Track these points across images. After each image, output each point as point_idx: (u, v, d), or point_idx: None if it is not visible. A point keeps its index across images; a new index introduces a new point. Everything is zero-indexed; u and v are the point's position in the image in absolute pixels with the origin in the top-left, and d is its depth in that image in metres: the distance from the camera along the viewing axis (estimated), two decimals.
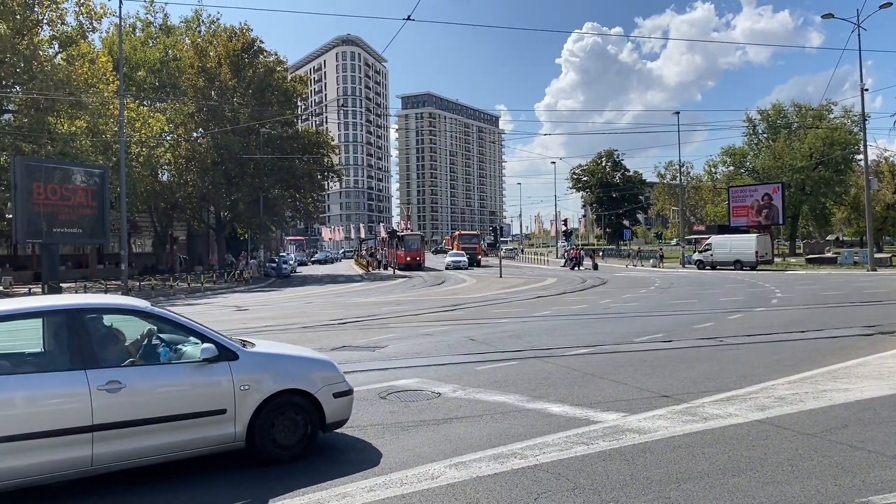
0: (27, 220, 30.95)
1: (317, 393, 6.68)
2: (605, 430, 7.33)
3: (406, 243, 59.80)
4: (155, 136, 44.61)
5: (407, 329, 17.44)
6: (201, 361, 6.21)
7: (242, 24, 57.32)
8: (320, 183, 65.24)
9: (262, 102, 54.81)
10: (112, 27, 49.39)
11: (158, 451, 5.94)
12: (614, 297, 26.44)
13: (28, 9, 34.98)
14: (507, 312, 21.34)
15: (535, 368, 11.19)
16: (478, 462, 6.26)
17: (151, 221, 56.28)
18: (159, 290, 37.22)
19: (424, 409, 8.49)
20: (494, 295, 29.65)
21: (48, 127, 35.28)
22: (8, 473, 5.29)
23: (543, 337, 15.04)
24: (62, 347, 5.94)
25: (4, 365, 5.99)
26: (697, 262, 51.22)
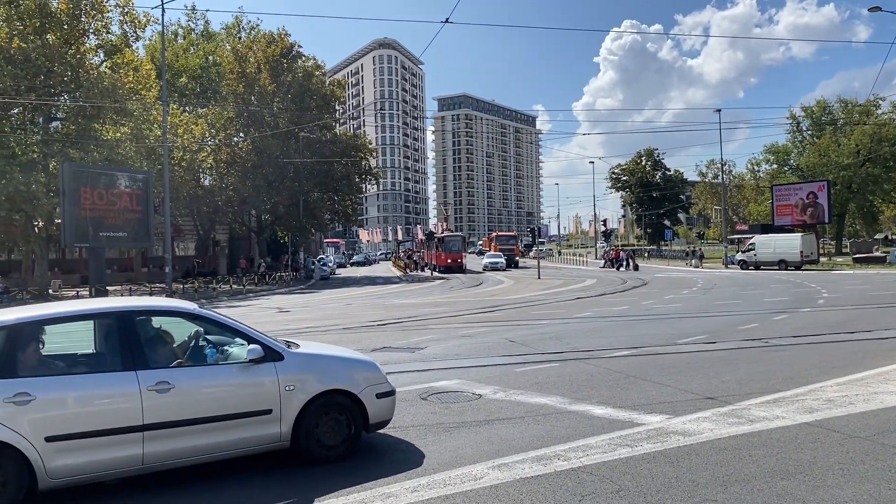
0: (75, 225, 31.76)
1: (360, 393, 6.75)
2: (650, 432, 7.26)
3: (447, 245, 59.43)
4: (197, 141, 45.41)
5: (446, 330, 17.47)
6: (248, 362, 6.30)
7: (281, 30, 58.19)
8: (358, 186, 65.72)
9: (301, 107, 55.44)
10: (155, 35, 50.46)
11: (206, 451, 6.05)
12: (656, 298, 26.13)
13: (75, 19, 35.89)
14: (546, 314, 21.24)
15: (577, 370, 11.12)
16: (521, 464, 6.25)
17: (194, 225, 57.29)
18: (202, 292, 37.87)
19: (466, 411, 8.50)
20: (533, 296, 29.53)
21: (94, 133, 36.14)
22: (65, 471, 5.46)
23: (584, 338, 14.94)
24: (113, 349, 6.08)
25: (59, 365, 6.16)
26: (740, 263, 50.34)
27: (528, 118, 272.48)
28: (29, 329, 5.90)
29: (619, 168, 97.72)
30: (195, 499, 5.82)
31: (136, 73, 38.06)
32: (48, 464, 5.38)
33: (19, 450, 5.29)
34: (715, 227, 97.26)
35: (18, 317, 5.99)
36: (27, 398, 5.41)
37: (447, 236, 63.58)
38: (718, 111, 64.56)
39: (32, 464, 5.34)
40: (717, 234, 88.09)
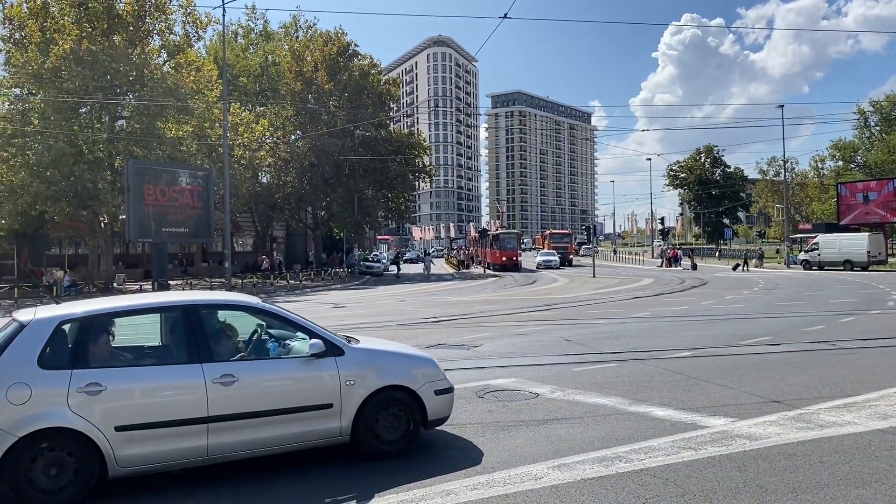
0: (138, 221, 32.75)
1: (419, 390, 6.76)
2: (714, 435, 7.08)
3: (502, 242, 59.00)
4: (257, 140, 46.24)
5: (500, 328, 17.40)
6: (309, 356, 6.37)
7: (338, 29, 58.79)
8: (412, 183, 66.00)
9: (356, 105, 55.95)
10: (216, 35, 51.59)
11: (268, 444, 6.14)
12: (716, 299, 25.53)
13: (140, 20, 36.91)
14: (602, 313, 20.97)
15: (636, 371, 10.94)
16: (582, 464, 6.17)
17: (252, 221, 58.41)
18: (260, 287, 38.56)
19: (523, 409, 8.43)
20: (588, 295, 29.19)
21: (158, 132, 37.11)
22: (133, 460, 5.62)
23: (642, 339, 14.68)
24: (179, 342, 6.22)
25: (128, 357, 6.35)
26: (803, 263, 48.83)
27: (584, 114, 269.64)
28: (100, 321, 6.07)
29: (678, 165, 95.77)
30: (256, 491, 5.91)
31: (197, 72, 38.93)
32: (117, 452, 5.54)
33: (91, 438, 5.46)
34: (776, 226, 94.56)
35: (89, 309, 6.17)
36: (98, 388, 5.57)
37: (502, 233, 63.14)
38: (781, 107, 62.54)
39: (103, 452, 5.50)
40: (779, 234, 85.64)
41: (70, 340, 5.83)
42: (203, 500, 5.75)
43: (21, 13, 34.81)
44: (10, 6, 34.98)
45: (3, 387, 5.37)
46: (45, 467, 5.38)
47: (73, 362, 5.66)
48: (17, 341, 5.62)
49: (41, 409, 5.41)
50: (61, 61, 33.27)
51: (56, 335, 5.73)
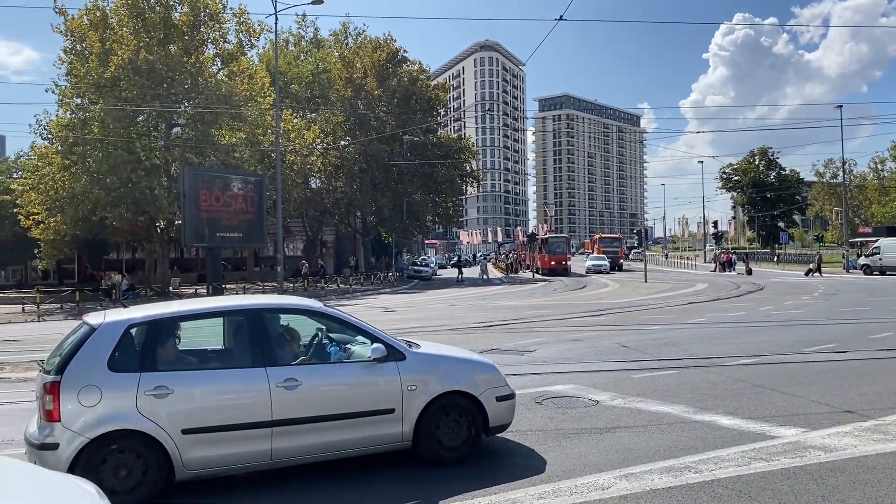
0: (193, 226, 33.44)
1: (480, 395, 6.68)
2: (785, 446, 6.83)
3: (551, 246, 58.52)
4: (308, 146, 46.80)
5: (553, 333, 17.19)
6: (371, 361, 6.35)
7: (387, 35, 59.18)
8: (460, 188, 66.03)
9: (405, 110, 56.26)
10: (268, 43, 52.36)
11: (331, 448, 6.14)
12: (774, 304, 24.81)
13: (195, 29, 37.74)
14: (657, 318, 20.56)
15: (697, 378, 10.66)
16: (649, 474, 6.00)
17: (303, 226, 59.15)
18: (311, 291, 38.96)
19: (584, 417, 8.28)
20: (641, 300, 28.70)
21: (212, 139, 37.89)
22: (199, 463, 5.68)
23: (701, 345, 14.33)
24: (243, 345, 6.26)
25: (193, 360, 6.42)
26: (864, 267, 47.21)
27: (632, 117, 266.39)
28: (166, 325, 6.18)
29: (730, 168, 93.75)
30: (319, 495, 5.91)
31: (250, 80, 39.60)
32: (184, 455, 5.60)
33: (158, 441, 5.53)
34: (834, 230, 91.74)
35: (156, 313, 6.26)
36: (166, 391, 5.63)
37: (551, 237, 62.67)
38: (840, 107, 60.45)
39: (170, 455, 5.56)
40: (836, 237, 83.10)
41: (138, 344, 5.90)
42: (276, 502, 5.79)
43: (82, 25, 35.91)
44: (72, 19, 36.13)
45: (75, 389, 5.46)
46: (115, 469, 5.45)
47: (142, 365, 5.74)
48: (87, 344, 5.70)
49: (111, 412, 5.50)
50: (120, 71, 34.22)
51: (125, 338, 5.82)
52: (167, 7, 36.89)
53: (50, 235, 36.33)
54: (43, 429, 5.48)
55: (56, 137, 36.39)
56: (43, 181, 35.29)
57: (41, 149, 37.48)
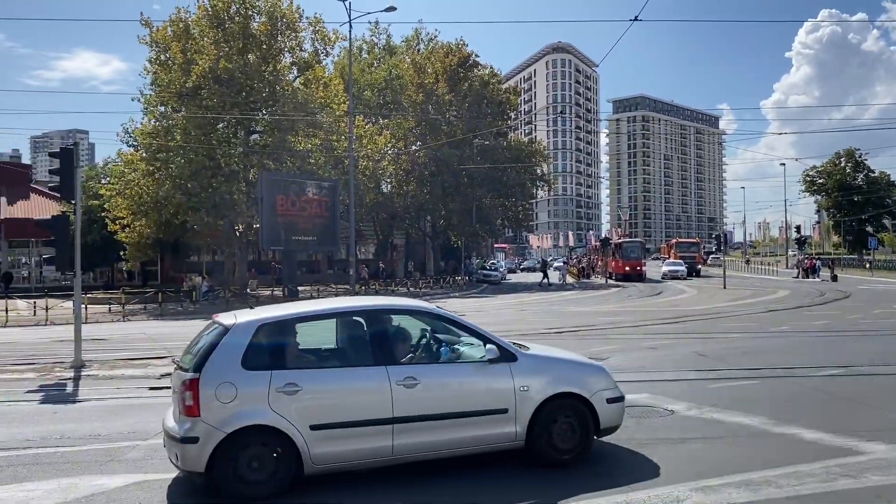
0: (270, 230, 34.33)
1: (591, 397, 6.72)
2: (875, 462, 6.46)
3: (625, 251, 57.35)
4: (379, 151, 47.42)
5: (627, 341, 16.82)
6: (484, 362, 6.47)
7: (458, 40, 59.43)
8: (530, 191, 65.60)
9: (476, 115, 56.34)
10: (342, 51, 53.35)
11: (448, 446, 6.29)
12: (862, 313, 23.65)
13: (273, 39, 38.75)
14: (736, 326, 19.87)
15: (778, 389, 10.23)
16: (726, 488, 5.77)
17: (374, 230, 59.94)
18: (382, 293, 39.36)
19: (659, 427, 8.04)
20: (720, 307, 27.83)
21: (288, 145, 38.82)
22: (326, 458, 5.89)
23: (782, 355, 13.76)
24: (363, 345, 6.45)
25: (317, 359, 6.66)
26: None
27: (711, 118, 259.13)
28: (293, 325, 6.45)
29: (815, 170, 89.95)
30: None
31: (325, 88, 40.39)
32: (312, 450, 5.81)
33: (289, 436, 5.77)
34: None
35: (283, 313, 6.62)
36: (295, 389, 5.86)
37: (625, 242, 61.41)
38: None
39: (299, 449, 5.79)
40: None
41: (268, 343, 6.16)
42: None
43: (166, 36, 37.37)
44: (156, 30, 37.65)
45: (213, 385, 5.73)
46: (249, 461, 5.71)
47: (272, 364, 6.02)
48: (222, 343, 5.97)
49: (246, 408, 5.76)
50: (201, 80, 35.42)
51: (256, 338, 6.06)
52: (246, 17, 38.01)
53: (135, 238, 37.89)
54: (183, 423, 5.76)
55: (141, 144, 37.95)
56: (128, 186, 36.82)
57: (127, 155, 39.14)
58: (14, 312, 27.03)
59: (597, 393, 6.70)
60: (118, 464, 6.96)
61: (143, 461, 7.04)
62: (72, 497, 5.91)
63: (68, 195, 14.79)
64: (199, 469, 5.64)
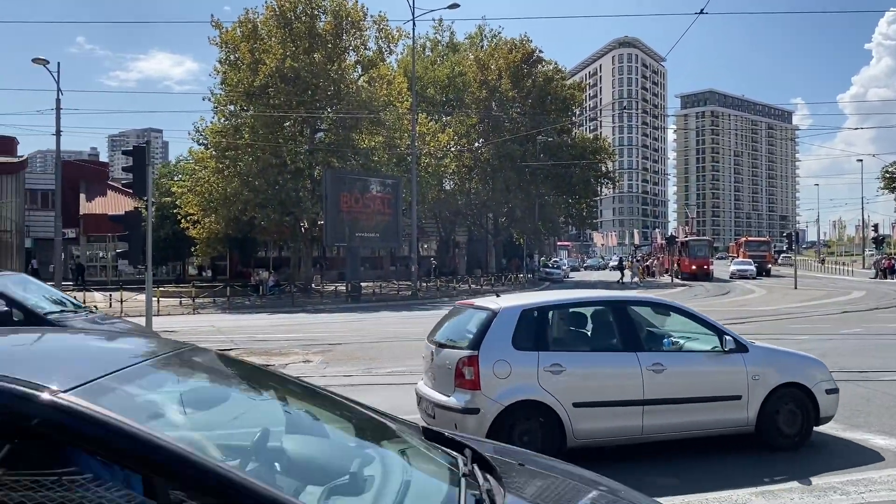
0: (334, 226, 34.90)
1: (813, 388, 7.11)
2: None
3: (691, 250, 56.18)
4: (442, 148, 47.60)
5: None
6: (720, 352, 6.92)
7: (522, 36, 59.08)
8: (595, 189, 64.86)
9: (540, 111, 55.95)
10: (406, 49, 53.74)
11: (688, 427, 6.80)
12: None
13: (338, 37, 39.33)
14: (806, 328, 19.22)
15: (848, 392, 9.77)
16: (789, 493, 5.62)
17: (436, 227, 60.21)
18: (443, 290, 39.58)
19: None
20: (790, 308, 26.96)
21: (352, 143, 39.37)
22: (585, 433, 6.44)
23: (855, 357, 13.25)
24: (613, 332, 6.99)
25: (575, 343, 7.22)
26: None
27: (784, 113, 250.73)
28: (552, 311, 7.14)
29: (894, 166, 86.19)
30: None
31: (389, 86, 40.77)
32: (574, 426, 6.38)
33: (555, 412, 6.34)
34: None
35: (543, 300, 7.29)
36: (560, 369, 6.44)
37: (692, 240, 60.10)
38: None
39: (563, 425, 6.34)
40: None
41: (531, 326, 6.74)
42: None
43: (235, 37, 38.36)
44: (226, 31, 38.68)
45: (490, 362, 6.33)
46: (520, 434, 6.29)
47: (537, 345, 6.61)
48: (494, 325, 6.55)
49: (518, 384, 6.37)
50: (268, 79, 36.25)
51: (521, 321, 6.65)
52: (312, 17, 38.69)
53: (205, 234, 39.05)
54: (462, 395, 6.37)
55: (211, 143, 39.07)
56: (199, 184, 37.96)
57: (198, 153, 40.37)
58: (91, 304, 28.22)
59: (818, 384, 7.14)
60: None
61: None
62: None
63: (140, 192, 15.35)
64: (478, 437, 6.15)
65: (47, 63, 27.73)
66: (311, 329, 20.56)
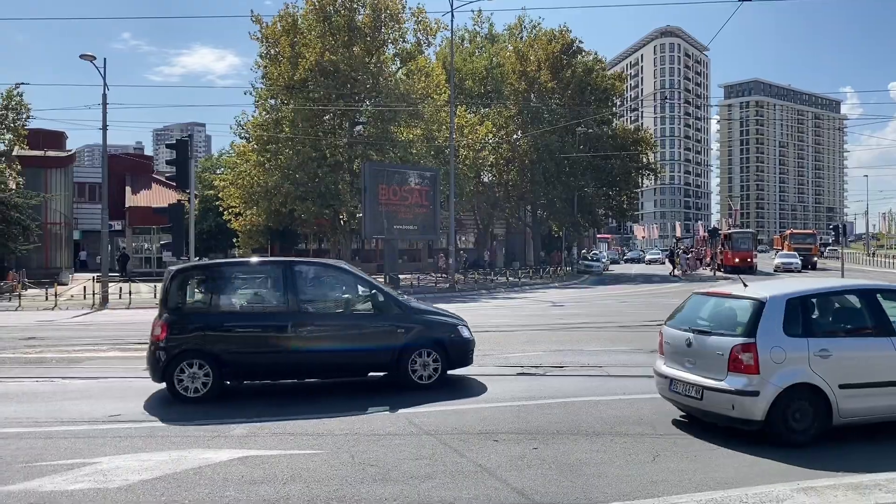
0: (373, 218, 35.07)
1: None
2: None
3: (734, 242, 55.20)
4: (480, 140, 47.49)
5: None
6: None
7: (562, 27, 58.50)
8: (636, 181, 64.03)
9: (579, 102, 55.42)
10: (444, 41, 53.70)
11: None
12: None
13: (376, 31, 39.52)
14: None
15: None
16: (832, 490, 5.47)
17: (474, 219, 60.13)
18: (481, 283, 39.52)
19: None
20: None
21: (391, 136, 39.54)
22: (849, 412, 6.97)
23: None
24: (867, 318, 7.44)
25: (830, 328, 7.50)
26: None
27: (832, 103, 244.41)
28: (817, 298, 7.63)
29: None
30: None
31: (427, 78, 40.80)
32: (840, 406, 6.90)
33: (825, 394, 6.87)
34: None
35: (803, 288, 7.71)
36: (827, 354, 6.93)
37: (735, 233, 59.06)
38: None
39: (831, 405, 6.88)
40: None
41: (798, 314, 7.19)
42: None
43: (276, 31, 38.76)
44: (266, 26, 39.10)
45: (766, 349, 6.85)
46: (794, 413, 6.86)
47: (805, 331, 7.10)
48: (766, 313, 7.02)
49: (792, 368, 6.89)
50: (308, 73, 36.56)
51: (788, 309, 7.11)
52: (351, 10, 38.91)
53: (247, 226, 39.68)
54: (738, 379, 6.89)
55: (252, 136, 39.59)
56: (240, 177, 38.51)
57: (239, 147, 40.96)
58: (136, 295, 28.87)
59: None
60: (224, 439, 7.34)
61: (247, 438, 7.40)
62: (181, 468, 6.28)
63: (183, 185, 15.68)
64: (757, 417, 6.80)
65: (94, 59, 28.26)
66: None
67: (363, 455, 6.66)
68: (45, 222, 41.60)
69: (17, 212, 35.37)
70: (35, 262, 39.61)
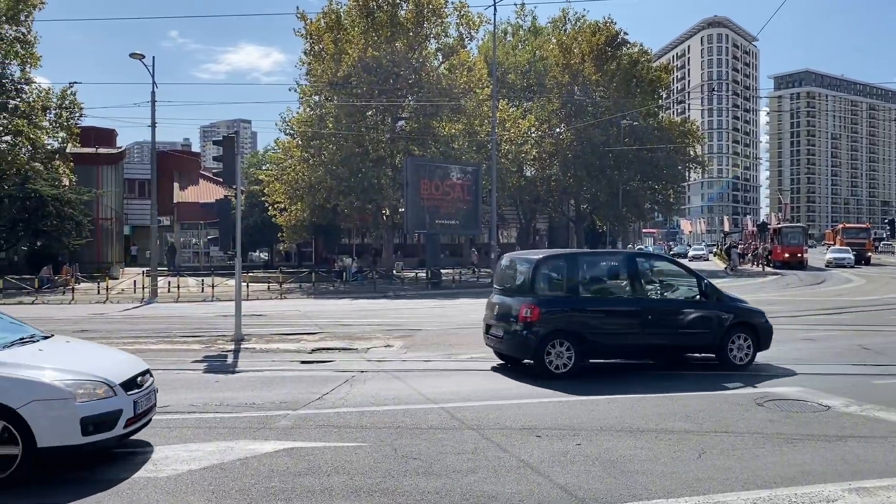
0: (415, 213, 35.21)
1: None
2: None
3: (784, 237, 53.91)
4: (522, 134, 47.22)
5: (782, 332, 15.66)
6: None
7: (606, 18, 57.77)
8: (682, 174, 62.94)
9: (624, 94, 54.68)
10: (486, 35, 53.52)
11: None
12: None
13: (419, 26, 39.55)
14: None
15: None
16: (885, 490, 5.33)
17: (517, 214, 59.87)
18: None
19: (810, 422, 7.53)
20: (892, 298, 25.52)
21: (433, 130, 39.57)
22: None
23: None
24: None
25: None
26: None
27: (887, 93, 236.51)
28: None
29: None
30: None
31: (469, 72, 40.71)
32: None
33: None
34: None
35: None
36: None
37: (785, 227, 57.62)
38: None
39: None
40: None
41: None
42: None
43: (319, 28, 39.10)
44: (310, 23, 39.48)
45: None
46: None
47: None
48: None
49: None
50: (351, 69, 36.80)
51: None
52: (394, 5, 39.02)
53: (291, 222, 40.16)
54: None
55: (297, 132, 40.03)
56: (285, 172, 38.98)
57: (284, 143, 41.47)
58: (185, 289, 29.52)
59: None
60: (270, 431, 7.45)
61: (292, 430, 7.50)
62: (228, 459, 6.40)
63: (230, 180, 15.90)
64: None
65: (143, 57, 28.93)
66: (392, 315, 20.87)
67: (406, 448, 6.70)
68: (96, 218, 42.74)
69: (70, 208, 36.43)
70: (87, 257, 40.76)
